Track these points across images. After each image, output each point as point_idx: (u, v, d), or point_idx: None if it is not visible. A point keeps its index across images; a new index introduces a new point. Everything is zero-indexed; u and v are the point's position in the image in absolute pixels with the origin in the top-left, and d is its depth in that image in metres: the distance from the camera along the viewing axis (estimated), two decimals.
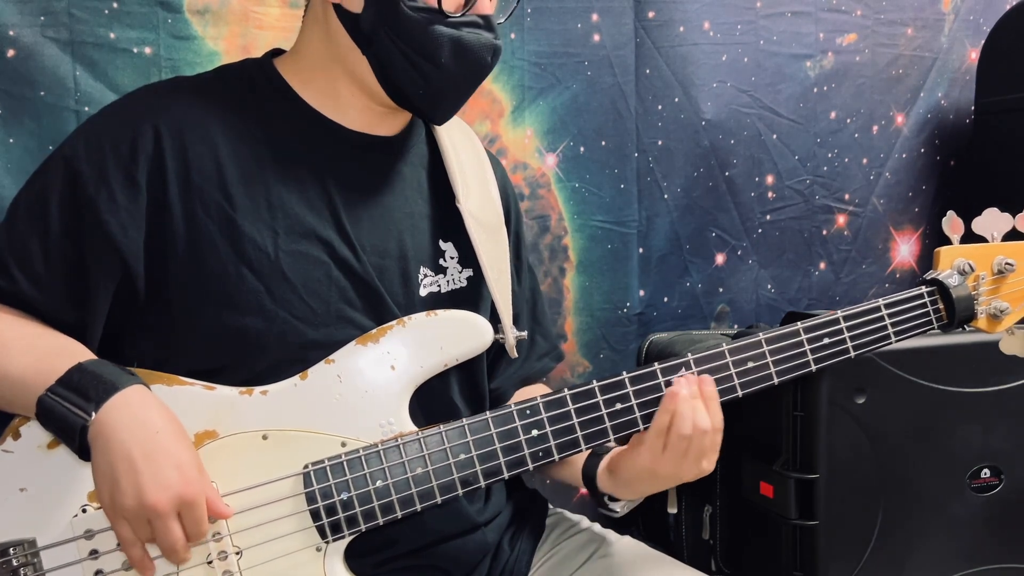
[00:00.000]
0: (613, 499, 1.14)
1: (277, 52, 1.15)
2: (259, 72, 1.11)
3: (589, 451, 1.14)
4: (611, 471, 1.11)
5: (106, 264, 1.00)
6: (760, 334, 1.11)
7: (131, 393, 0.92)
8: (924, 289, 1.18)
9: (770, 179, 2.10)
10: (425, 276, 1.14)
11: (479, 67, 1.07)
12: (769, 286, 2.14)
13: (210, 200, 1.02)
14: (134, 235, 1.00)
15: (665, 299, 2.02)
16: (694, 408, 1.03)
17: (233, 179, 1.03)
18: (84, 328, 1.02)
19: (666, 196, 1.97)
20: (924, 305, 1.18)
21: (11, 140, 1.37)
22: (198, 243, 1.01)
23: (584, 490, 1.17)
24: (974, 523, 1.62)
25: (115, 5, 1.42)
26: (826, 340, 1.12)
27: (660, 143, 1.95)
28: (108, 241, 0.99)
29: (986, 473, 1.62)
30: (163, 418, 0.93)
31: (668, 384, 1.06)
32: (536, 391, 1.19)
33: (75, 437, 0.91)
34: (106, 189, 0.99)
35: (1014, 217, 1.19)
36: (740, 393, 1.09)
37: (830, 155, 2.16)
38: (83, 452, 0.92)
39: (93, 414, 0.90)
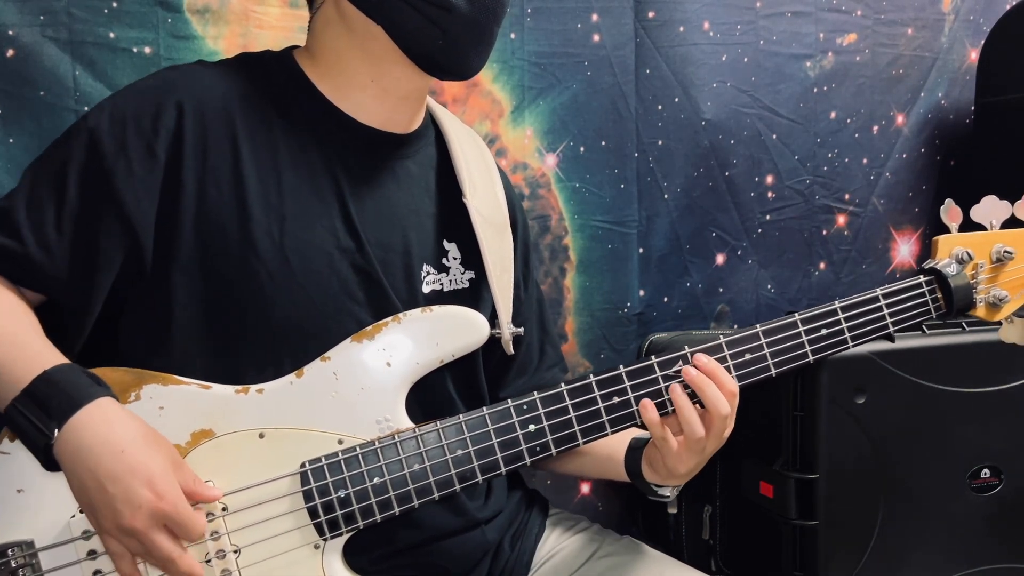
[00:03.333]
0: (659, 485, 1.14)
1: (294, 48, 1.16)
2: (278, 63, 1.12)
3: (627, 447, 1.15)
4: (650, 465, 1.12)
5: (116, 235, 1.00)
6: (758, 326, 1.11)
7: (94, 409, 0.90)
8: (922, 279, 1.18)
9: (770, 179, 2.09)
10: (428, 274, 1.14)
11: (491, 1, 1.05)
12: (769, 286, 2.13)
13: (223, 180, 1.03)
14: (147, 207, 1.00)
15: (665, 299, 2.01)
16: (706, 404, 1.04)
17: (247, 162, 1.04)
18: (84, 302, 1.01)
19: (666, 196, 1.97)
20: (922, 295, 1.17)
21: (11, 140, 1.36)
22: (206, 222, 1.02)
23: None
24: (974, 523, 1.62)
25: (115, 5, 1.42)
26: (823, 332, 1.12)
27: (660, 143, 1.95)
28: (120, 212, 0.99)
29: (986, 473, 1.61)
30: (128, 433, 0.91)
31: (665, 379, 1.06)
32: None
33: (39, 453, 0.91)
34: (124, 160, 1.00)
35: (1013, 205, 1.19)
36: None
37: (830, 155, 2.16)
38: (49, 466, 0.91)
39: (56, 431, 0.89)
